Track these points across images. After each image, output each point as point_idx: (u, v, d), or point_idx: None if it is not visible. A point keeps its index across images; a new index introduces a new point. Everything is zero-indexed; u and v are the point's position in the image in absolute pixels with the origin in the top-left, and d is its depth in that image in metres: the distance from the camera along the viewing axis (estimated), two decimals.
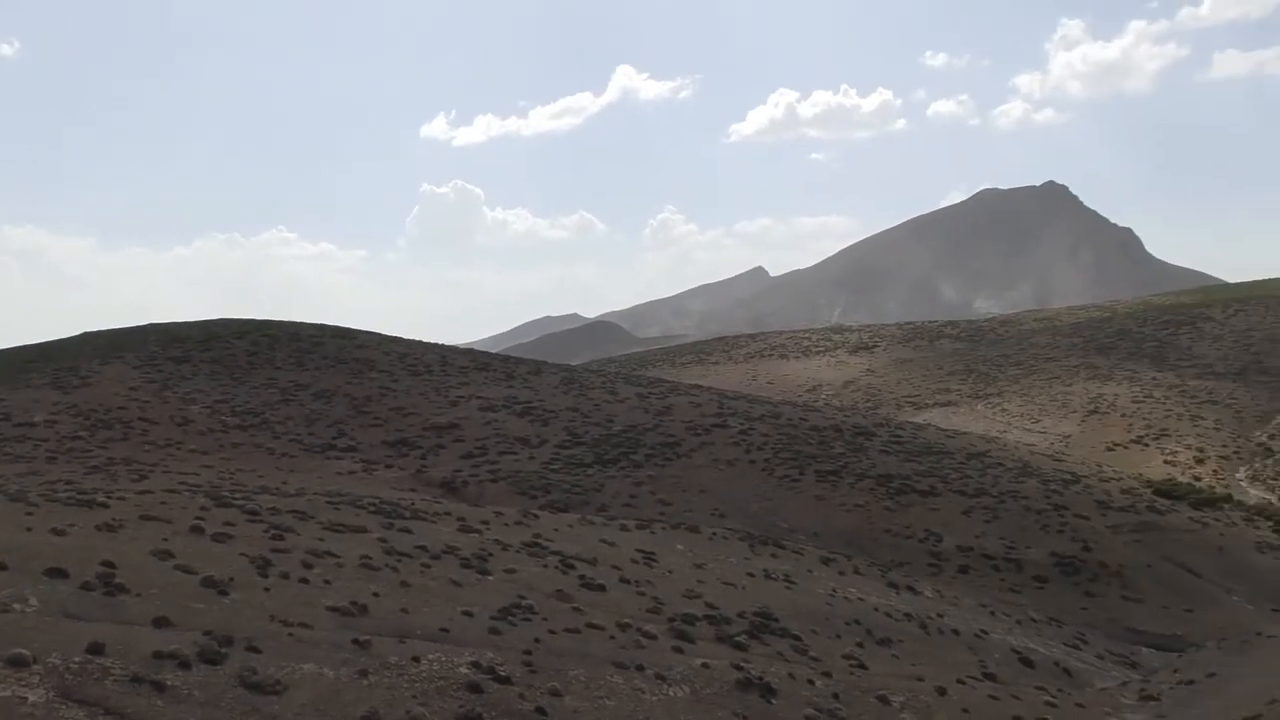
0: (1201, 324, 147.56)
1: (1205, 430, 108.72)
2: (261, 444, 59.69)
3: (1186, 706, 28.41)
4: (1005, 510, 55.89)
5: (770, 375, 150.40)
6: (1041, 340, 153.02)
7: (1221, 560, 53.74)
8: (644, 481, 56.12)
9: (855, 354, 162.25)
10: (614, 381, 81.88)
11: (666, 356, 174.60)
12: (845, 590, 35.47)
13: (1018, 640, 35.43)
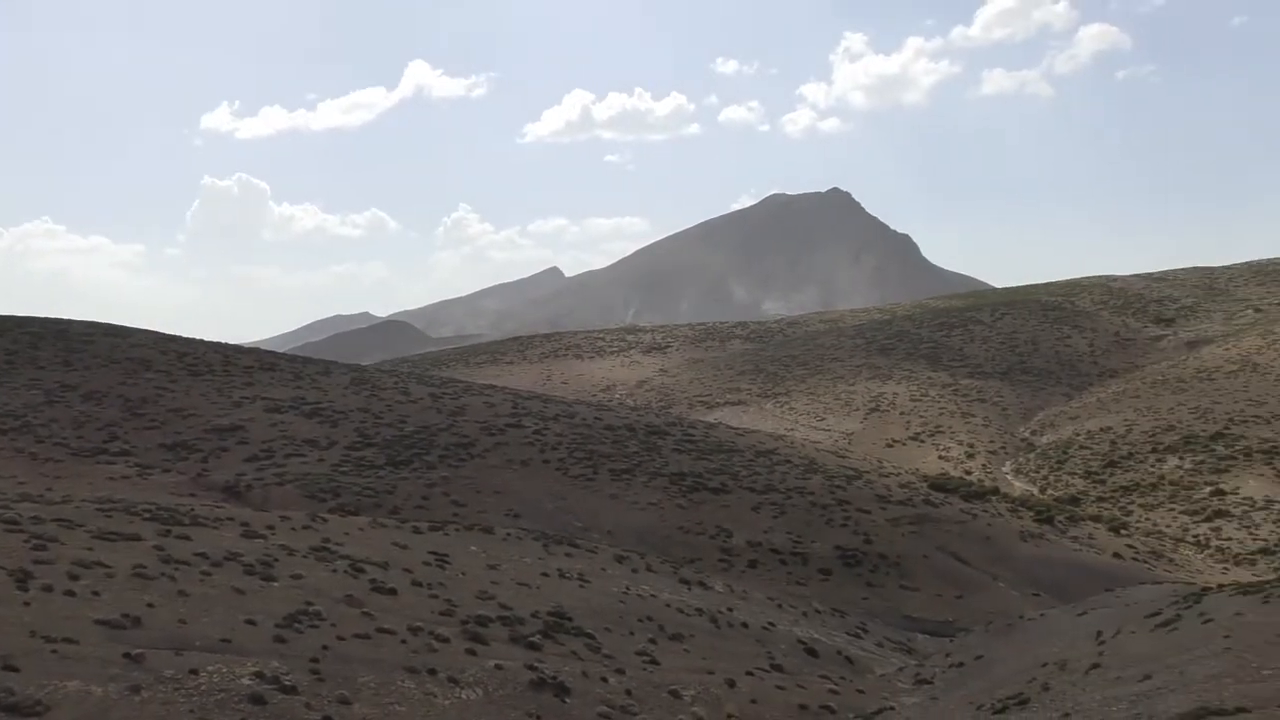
0: (972, 326, 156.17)
1: (975, 427, 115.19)
2: (23, 449, 55.82)
3: (957, 688, 29.92)
4: (792, 506, 57.65)
5: (565, 375, 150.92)
6: (826, 341, 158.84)
7: (989, 549, 56.89)
8: (437, 483, 55.29)
9: (649, 354, 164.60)
10: (407, 382, 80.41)
11: (461, 356, 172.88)
12: (639, 587, 35.82)
13: (803, 631, 36.54)
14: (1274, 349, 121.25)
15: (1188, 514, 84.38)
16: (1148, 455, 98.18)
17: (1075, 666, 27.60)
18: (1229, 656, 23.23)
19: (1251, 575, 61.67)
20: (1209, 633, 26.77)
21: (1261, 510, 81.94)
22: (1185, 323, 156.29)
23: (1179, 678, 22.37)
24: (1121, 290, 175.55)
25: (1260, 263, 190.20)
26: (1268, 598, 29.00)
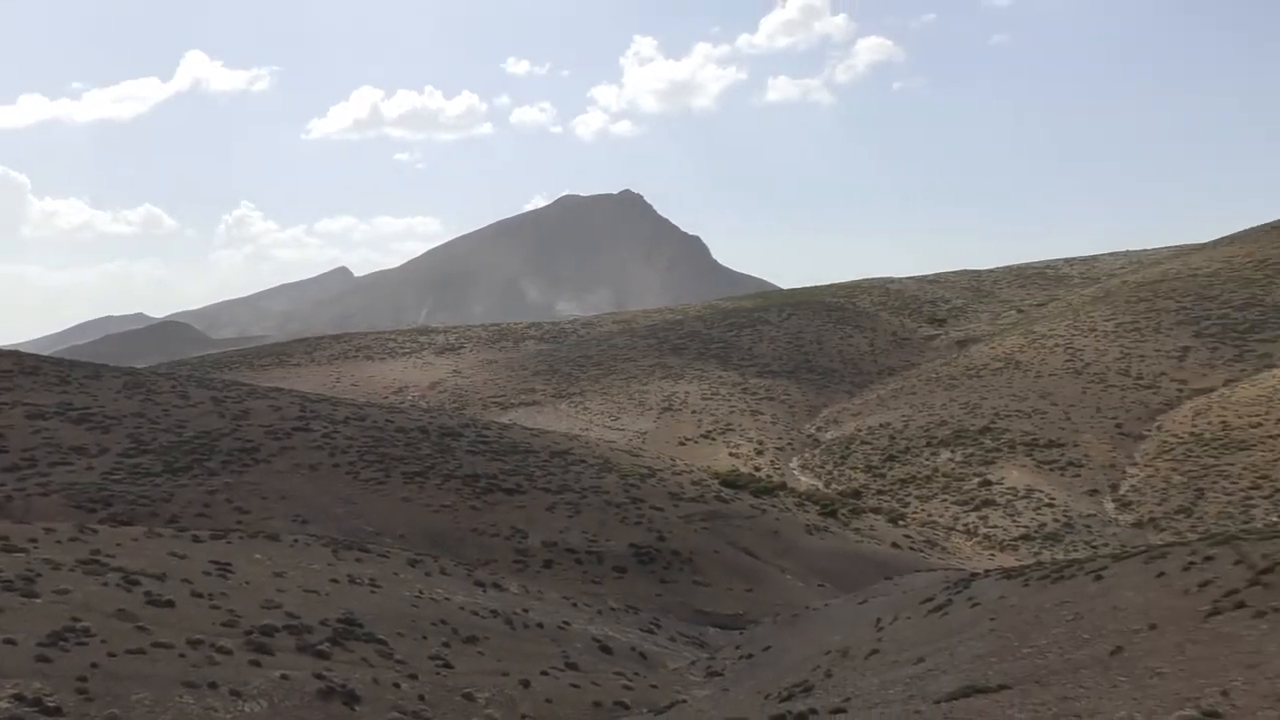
0: (760, 326, 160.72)
1: (764, 424, 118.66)
2: None
3: (746, 678, 30.75)
4: (587, 505, 57.98)
5: (355, 377, 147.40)
6: (620, 342, 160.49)
7: (777, 542, 58.69)
8: (220, 490, 53.06)
9: (442, 355, 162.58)
10: (186, 385, 76.85)
11: (244, 359, 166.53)
12: (432, 591, 35.33)
13: (598, 629, 36.82)
14: (1034, 348, 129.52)
15: (959, 504, 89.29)
16: (923, 449, 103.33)
17: (856, 653, 28.79)
18: (994, 638, 24.68)
19: (1014, 560, 65.73)
20: (976, 616, 28.36)
21: (1023, 499, 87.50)
22: (956, 323, 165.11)
23: (949, 659, 23.61)
24: (899, 292, 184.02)
25: (1021, 266, 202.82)
26: (1028, 581, 30.93)
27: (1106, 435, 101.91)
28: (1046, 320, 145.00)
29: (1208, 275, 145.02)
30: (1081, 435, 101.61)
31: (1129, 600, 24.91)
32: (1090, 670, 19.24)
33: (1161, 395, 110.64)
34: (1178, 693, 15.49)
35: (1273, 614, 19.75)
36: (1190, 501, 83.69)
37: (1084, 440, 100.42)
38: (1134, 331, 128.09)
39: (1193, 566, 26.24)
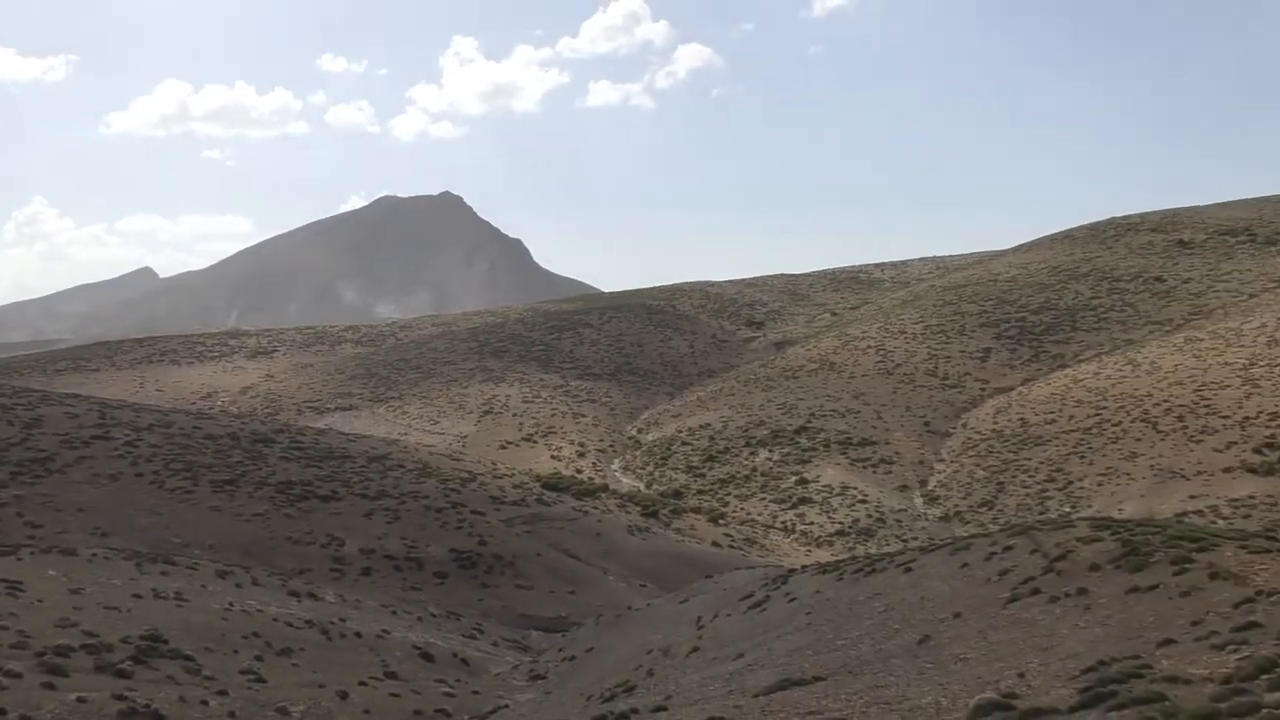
0: (582, 329, 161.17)
1: (586, 426, 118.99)
2: None
3: (569, 680, 30.69)
4: (406, 511, 56.91)
5: (161, 382, 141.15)
6: (440, 345, 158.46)
7: (600, 544, 58.86)
8: (8, 503, 49.91)
9: (254, 359, 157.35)
10: None
11: (36, 363, 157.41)
12: (244, 603, 34.04)
13: (419, 637, 36.15)
14: (848, 349, 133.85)
15: (777, 502, 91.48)
16: (742, 449, 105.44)
17: (677, 651, 29.07)
18: (810, 631, 25.28)
19: (830, 555, 67.62)
20: (793, 610, 29.02)
21: (838, 496, 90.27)
22: (773, 325, 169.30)
23: (767, 654, 24.07)
24: (718, 295, 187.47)
25: (835, 270, 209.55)
26: (842, 575, 31.85)
27: (915, 433, 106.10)
28: (859, 323, 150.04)
29: (1007, 280, 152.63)
30: (892, 433, 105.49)
31: (936, 590, 25.89)
32: (900, 659, 19.87)
33: (966, 394, 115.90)
34: (979, 676, 16.14)
35: (1065, 599, 20.82)
36: (992, 495, 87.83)
37: (895, 438, 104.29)
38: (940, 334, 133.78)
39: (994, 556, 27.47)
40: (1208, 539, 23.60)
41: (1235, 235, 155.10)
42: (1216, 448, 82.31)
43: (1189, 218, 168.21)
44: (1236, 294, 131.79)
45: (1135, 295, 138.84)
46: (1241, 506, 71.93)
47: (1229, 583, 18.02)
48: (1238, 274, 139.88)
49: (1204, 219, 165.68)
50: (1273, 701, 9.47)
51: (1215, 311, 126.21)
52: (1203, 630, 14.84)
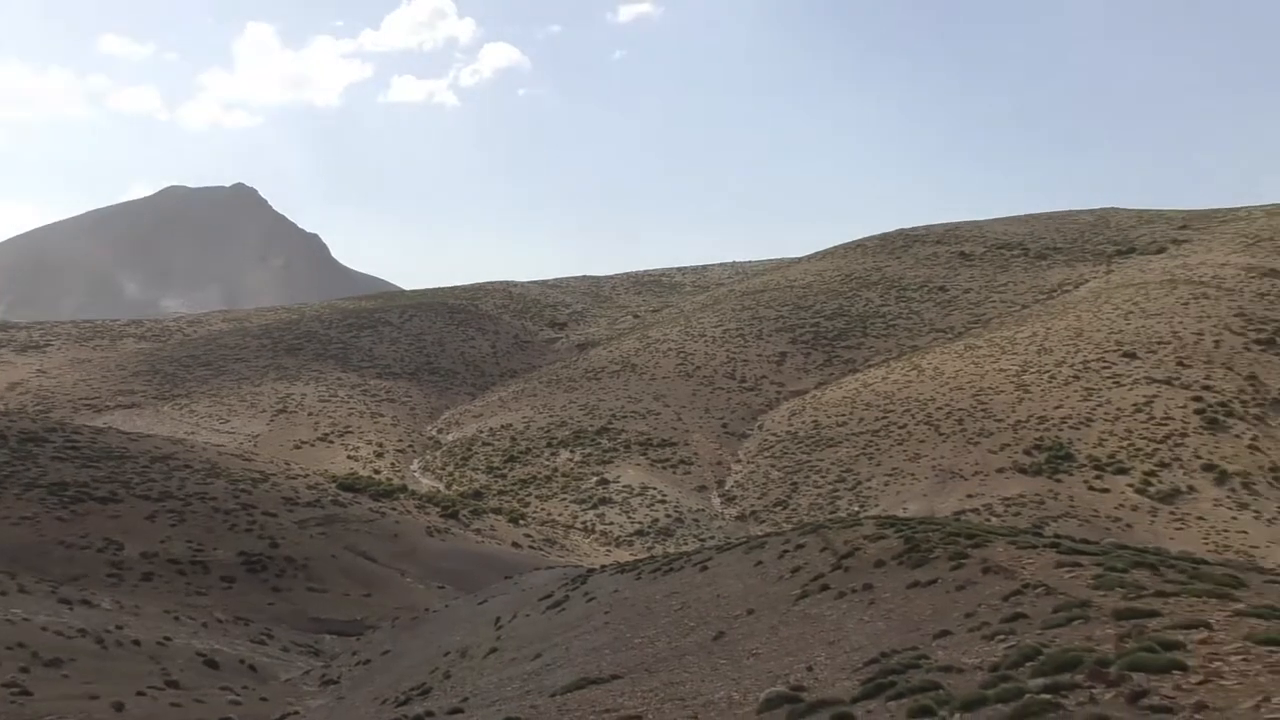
0: (381, 328, 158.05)
1: (384, 426, 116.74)
2: None
3: (363, 685, 30.01)
4: (192, 513, 54.60)
5: None
6: (231, 341, 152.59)
7: (397, 545, 57.86)
8: None
9: (24, 353, 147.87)
10: None
11: None
12: (8, 612, 31.93)
13: (203, 643, 34.70)
14: (649, 351, 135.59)
15: (578, 502, 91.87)
16: (544, 450, 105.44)
17: (476, 652, 28.82)
18: (608, 630, 25.47)
19: (629, 555, 68.39)
20: (592, 610, 29.19)
21: (638, 496, 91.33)
22: (576, 326, 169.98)
23: (566, 653, 24.12)
24: (521, 295, 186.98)
25: (638, 273, 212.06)
26: (640, 575, 32.23)
27: (714, 434, 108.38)
28: (661, 326, 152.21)
29: (803, 287, 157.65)
30: (691, 435, 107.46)
31: (731, 588, 26.47)
32: (695, 655, 20.22)
33: (762, 397, 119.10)
34: (770, 670, 16.58)
35: (852, 594, 21.61)
36: (786, 495, 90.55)
37: (694, 439, 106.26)
38: (739, 337, 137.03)
39: (786, 554, 28.30)
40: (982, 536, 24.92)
41: (1011, 249, 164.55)
42: (991, 449, 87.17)
43: (970, 231, 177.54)
44: (1011, 304, 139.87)
45: (921, 304, 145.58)
46: (1013, 504, 76.39)
47: (1000, 576, 19.05)
48: (1012, 285, 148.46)
49: (983, 233, 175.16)
50: (1035, 687, 10.05)
51: (992, 320, 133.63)
52: (975, 621, 15.63)
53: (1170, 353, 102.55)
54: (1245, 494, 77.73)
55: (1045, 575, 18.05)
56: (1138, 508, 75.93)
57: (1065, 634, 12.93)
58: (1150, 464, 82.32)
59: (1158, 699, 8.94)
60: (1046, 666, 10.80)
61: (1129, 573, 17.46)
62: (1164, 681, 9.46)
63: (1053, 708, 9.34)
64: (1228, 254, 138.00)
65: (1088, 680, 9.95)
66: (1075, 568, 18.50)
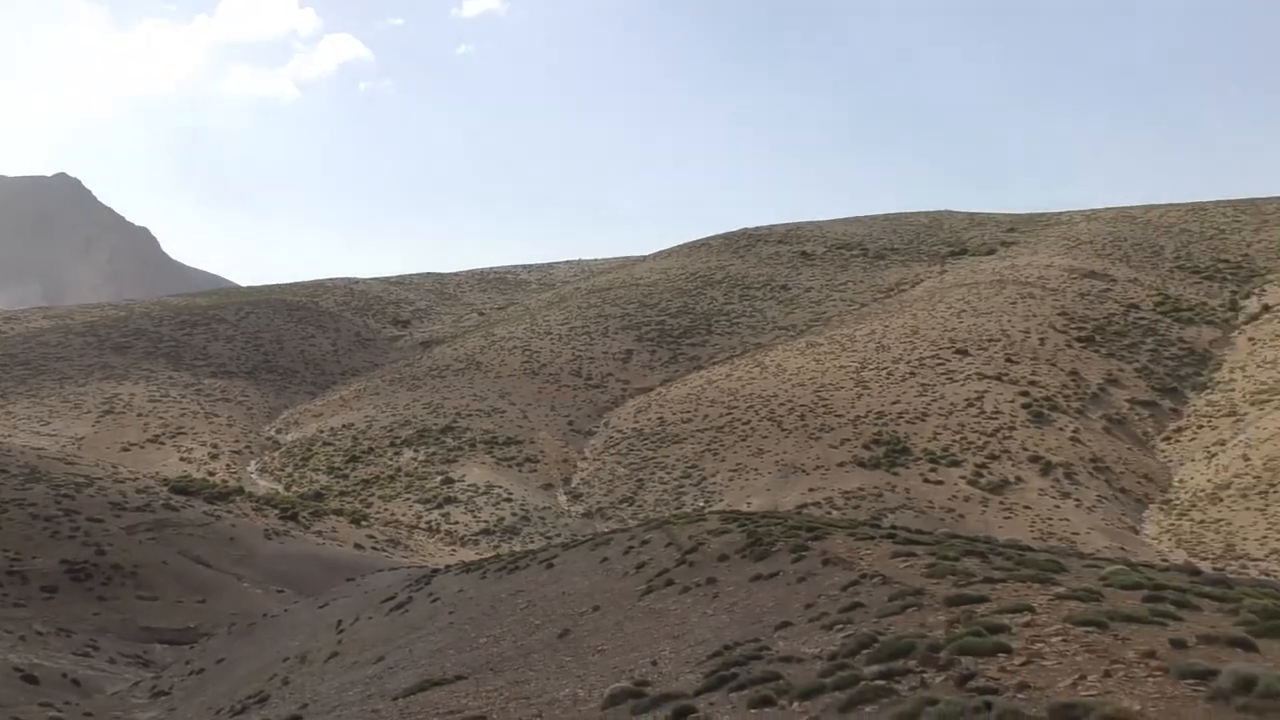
0: (216, 325, 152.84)
1: (220, 427, 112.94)
2: None
3: (197, 695, 28.95)
4: (9, 520, 51.82)
5: None
6: (52, 339, 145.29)
7: (233, 549, 56.02)
8: None
9: None
10: None
11: None
12: None
13: (20, 657, 32.95)
14: (494, 349, 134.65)
15: (422, 502, 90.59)
16: (387, 449, 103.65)
17: (316, 657, 28.11)
18: (452, 630, 25.16)
19: (475, 554, 67.78)
20: (436, 610, 28.80)
21: (484, 495, 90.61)
22: (420, 324, 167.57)
23: (409, 655, 23.72)
24: (363, 292, 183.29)
25: (483, 270, 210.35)
26: (485, 574, 31.96)
27: (560, 432, 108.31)
28: (506, 323, 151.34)
29: (648, 285, 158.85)
30: (537, 433, 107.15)
31: (577, 585, 26.46)
32: (540, 653, 20.13)
33: (608, 394, 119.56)
34: (615, 666, 16.61)
35: (696, 589, 21.83)
36: (632, 491, 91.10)
37: (540, 437, 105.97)
38: (585, 335, 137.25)
39: (631, 551, 28.44)
40: (822, 528, 25.51)
41: (850, 249, 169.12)
42: (832, 444, 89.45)
43: (811, 231, 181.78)
44: (851, 303, 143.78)
45: (764, 302, 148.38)
46: (852, 497, 78.56)
47: (839, 567, 19.51)
48: (852, 284, 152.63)
49: (824, 233, 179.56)
50: (870, 674, 10.31)
51: (833, 319, 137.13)
52: (815, 612, 15.97)
53: (999, 350, 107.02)
54: (1068, 483, 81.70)
55: (882, 565, 18.55)
56: (969, 498, 79.00)
57: (900, 621, 13.30)
58: (981, 456, 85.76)
59: (984, 680, 9.26)
60: (881, 653, 11.08)
61: (960, 561, 18.09)
62: (990, 664, 9.81)
63: (887, 693, 9.58)
64: (1051, 256, 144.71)
65: (920, 665, 10.24)
66: (910, 557, 19.08)
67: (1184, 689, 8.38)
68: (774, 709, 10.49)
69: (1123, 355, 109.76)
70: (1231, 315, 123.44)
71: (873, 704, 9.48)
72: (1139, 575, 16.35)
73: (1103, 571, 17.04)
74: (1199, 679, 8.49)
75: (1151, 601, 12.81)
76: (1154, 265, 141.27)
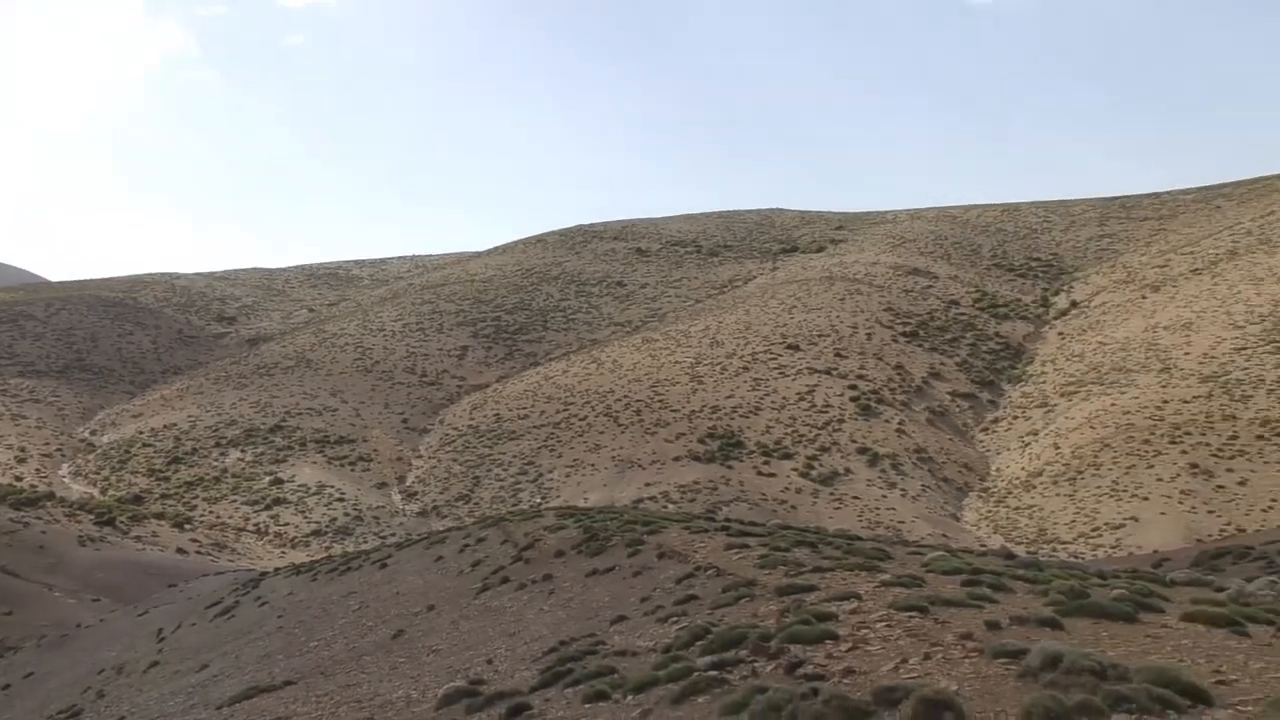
0: (24, 322, 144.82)
1: (28, 429, 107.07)
2: None
3: (3, 711, 27.42)
4: None
5: None
6: None
7: (43, 558, 53.26)
8: None
9: None
10: None
11: None
12: None
13: None
14: (325, 346, 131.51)
15: (249, 504, 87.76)
16: (211, 450, 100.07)
17: (134, 668, 26.95)
18: (281, 635, 24.46)
19: (306, 556, 66.08)
20: (264, 615, 27.95)
21: (315, 495, 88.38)
22: (247, 321, 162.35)
23: (235, 662, 22.96)
24: (185, 288, 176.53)
25: (313, 266, 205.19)
26: (316, 575, 31.18)
27: (394, 430, 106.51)
28: (338, 320, 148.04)
29: (484, 281, 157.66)
30: (371, 431, 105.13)
31: (411, 585, 26.05)
32: (373, 655, 19.74)
33: (444, 391, 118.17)
34: (450, 666, 16.40)
35: (532, 585, 21.76)
36: (469, 489, 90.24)
37: (373, 435, 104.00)
38: (419, 331, 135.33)
39: (467, 549, 28.16)
40: (657, 522, 25.76)
41: (684, 246, 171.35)
42: (668, 439, 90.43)
43: (646, 228, 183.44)
44: (685, 299, 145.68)
45: (600, 298, 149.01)
46: (688, 491, 79.59)
47: (674, 561, 19.73)
48: (686, 281, 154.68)
49: (659, 230, 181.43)
50: (703, 665, 10.44)
51: (668, 315, 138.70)
52: (650, 605, 16.09)
53: (829, 345, 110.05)
54: (894, 474, 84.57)
55: (716, 557, 18.83)
56: (801, 490, 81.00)
57: (733, 612, 13.51)
58: (812, 449, 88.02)
59: (812, 667, 9.48)
60: (714, 644, 11.23)
61: (791, 551, 18.52)
62: (818, 651, 10.05)
63: (718, 683, 9.71)
64: (878, 253, 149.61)
65: (751, 655, 10.42)
66: (744, 549, 19.43)
67: (997, 668, 8.76)
68: (608, 703, 10.52)
69: (944, 350, 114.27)
70: (1043, 311, 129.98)
71: (705, 694, 9.59)
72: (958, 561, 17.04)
73: (925, 558, 17.69)
74: (1011, 658, 8.90)
75: (969, 585, 13.34)
76: (973, 263, 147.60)
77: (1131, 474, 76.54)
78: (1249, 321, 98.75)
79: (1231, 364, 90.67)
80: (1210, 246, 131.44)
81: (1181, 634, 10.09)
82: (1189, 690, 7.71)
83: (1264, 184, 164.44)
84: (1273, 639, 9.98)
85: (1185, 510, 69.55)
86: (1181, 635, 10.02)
